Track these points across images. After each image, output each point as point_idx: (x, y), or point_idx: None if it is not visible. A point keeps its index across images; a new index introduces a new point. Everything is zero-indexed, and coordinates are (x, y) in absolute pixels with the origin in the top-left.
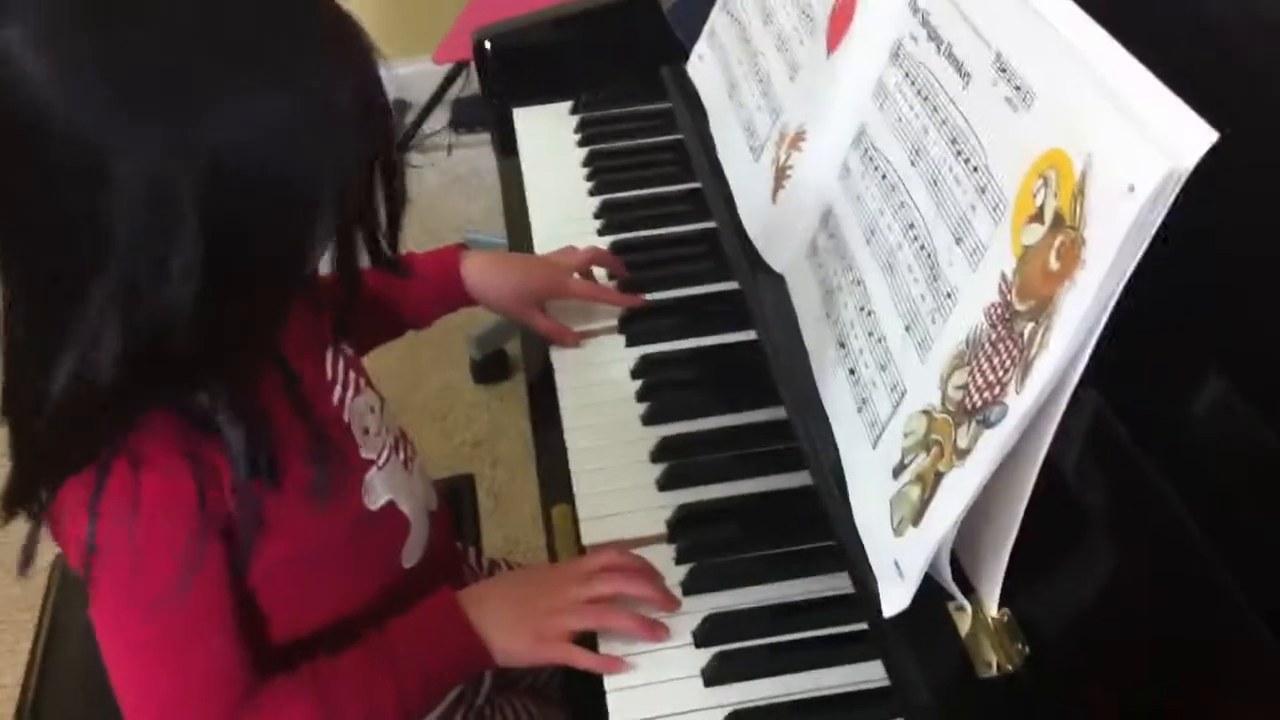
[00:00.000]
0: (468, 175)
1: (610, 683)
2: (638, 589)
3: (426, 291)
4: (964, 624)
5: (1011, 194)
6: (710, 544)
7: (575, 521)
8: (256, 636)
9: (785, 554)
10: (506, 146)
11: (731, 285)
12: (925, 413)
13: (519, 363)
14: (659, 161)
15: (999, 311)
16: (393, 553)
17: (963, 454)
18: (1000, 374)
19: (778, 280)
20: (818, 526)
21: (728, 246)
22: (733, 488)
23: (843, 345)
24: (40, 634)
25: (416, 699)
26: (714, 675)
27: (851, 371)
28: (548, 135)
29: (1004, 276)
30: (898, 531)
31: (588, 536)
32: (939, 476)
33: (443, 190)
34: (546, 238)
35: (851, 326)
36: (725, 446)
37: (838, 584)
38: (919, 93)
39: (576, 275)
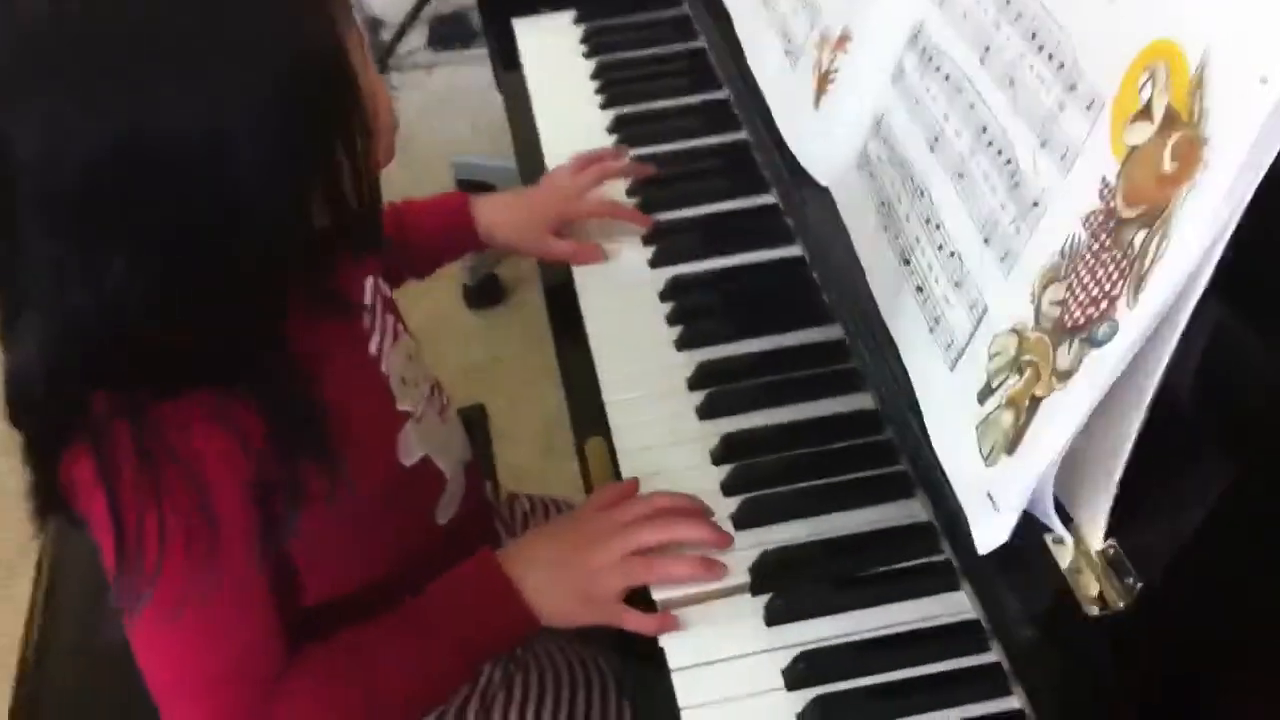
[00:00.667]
0: (450, 95)
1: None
2: (686, 531)
3: (433, 236)
4: (1064, 558)
5: (1109, 91)
6: (760, 475)
7: (613, 455)
8: (290, 601)
9: (843, 483)
10: (507, 60)
11: (760, 200)
12: (1015, 331)
13: (513, 287)
14: (674, 71)
15: (1100, 219)
16: (427, 510)
17: (1064, 375)
18: (1106, 287)
19: (822, 193)
20: (878, 453)
21: (762, 159)
22: (779, 414)
23: (907, 261)
24: (40, 580)
25: (460, 669)
26: (776, 615)
27: (919, 289)
28: (552, 47)
29: (1104, 181)
30: (989, 461)
31: (626, 470)
32: (1036, 401)
33: (425, 112)
34: (558, 155)
35: (916, 241)
36: (767, 371)
37: (899, 514)
38: None
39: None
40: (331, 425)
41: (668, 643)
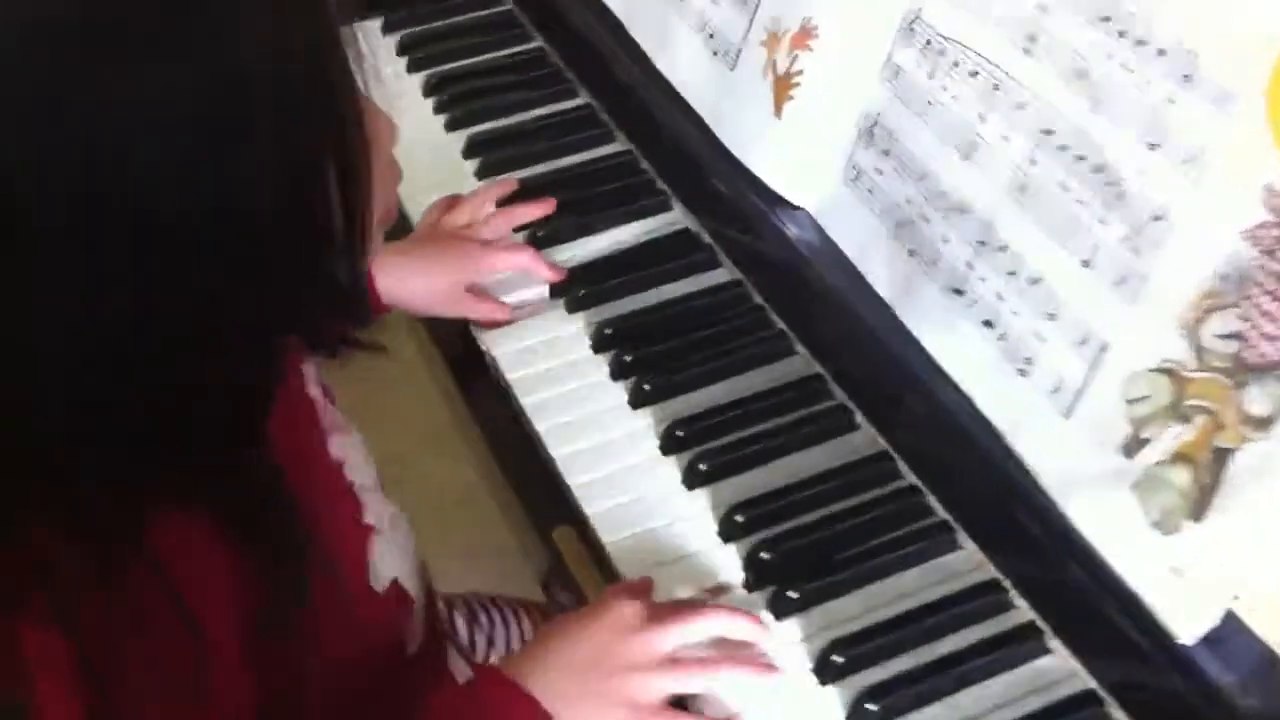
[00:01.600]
0: None
1: None
2: (722, 623)
3: None
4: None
5: (1244, 80)
6: (778, 537)
7: (589, 542)
8: None
9: (883, 544)
10: None
11: (668, 222)
12: (1166, 372)
13: None
14: (518, 80)
15: (1275, 233)
16: (397, 646)
17: (1264, 423)
18: None
19: (794, 213)
20: (911, 502)
21: (664, 174)
22: (783, 470)
23: (959, 292)
24: None
25: None
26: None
27: (989, 324)
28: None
29: (1272, 189)
30: (1166, 527)
31: (622, 566)
32: (1223, 454)
33: None
34: (416, 190)
35: (969, 268)
36: (749, 420)
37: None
38: None
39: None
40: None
41: None
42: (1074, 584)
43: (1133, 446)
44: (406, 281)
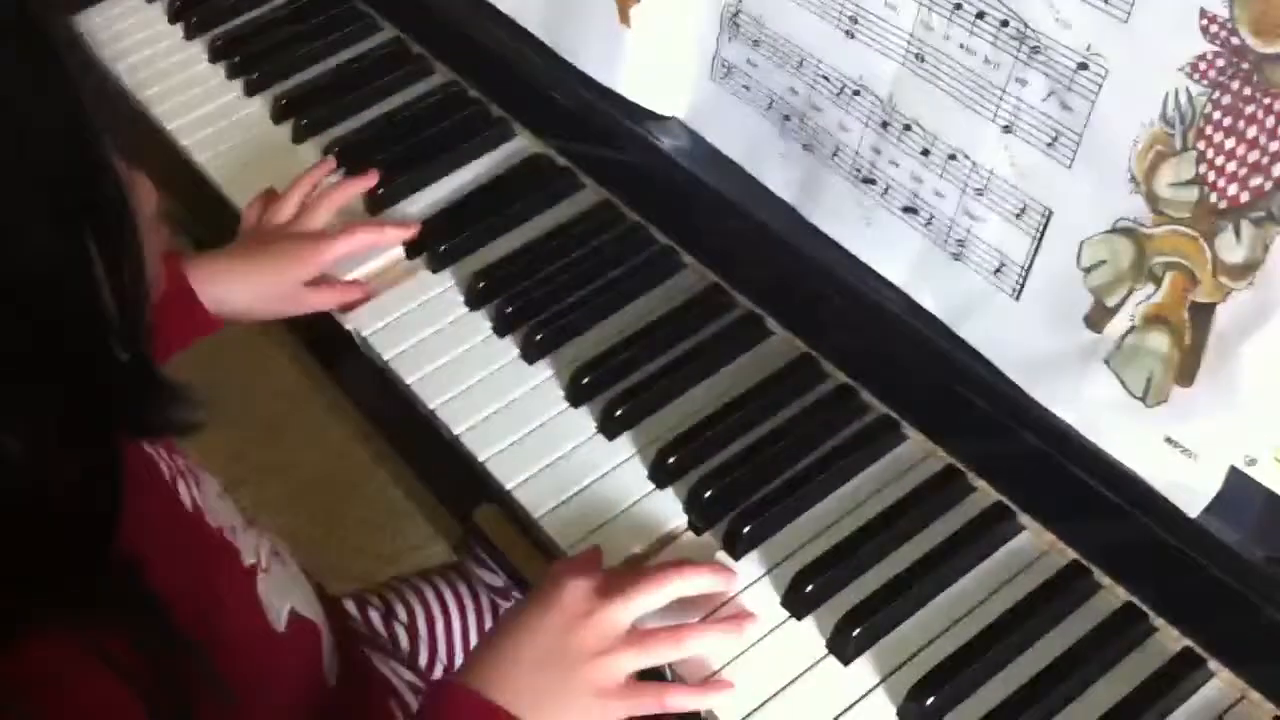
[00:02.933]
0: None
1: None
2: (683, 584)
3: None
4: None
5: None
6: (715, 470)
7: (516, 517)
8: None
9: (837, 449)
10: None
11: (519, 148)
12: (1123, 232)
13: None
14: (311, 27)
15: (1222, 65)
16: (315, 676)
17: (1245, 269)
18: (1273, 146)
19: (664, 123)
20: (848, 400)
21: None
22: (704, 396)
23: (870, 181)
24: None
25: None
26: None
27: (910, 210)
28: (138, 39)
29: (1207, 14)
30: (1151, 398)
31: (559, 537)
32: (1204, 309)
33: None
34: (235, 176)
35: (876, 152)
36: (656, 352)
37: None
38: None
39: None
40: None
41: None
42: (1043, 461)
43: (1098, 317)
44: (233, 294)
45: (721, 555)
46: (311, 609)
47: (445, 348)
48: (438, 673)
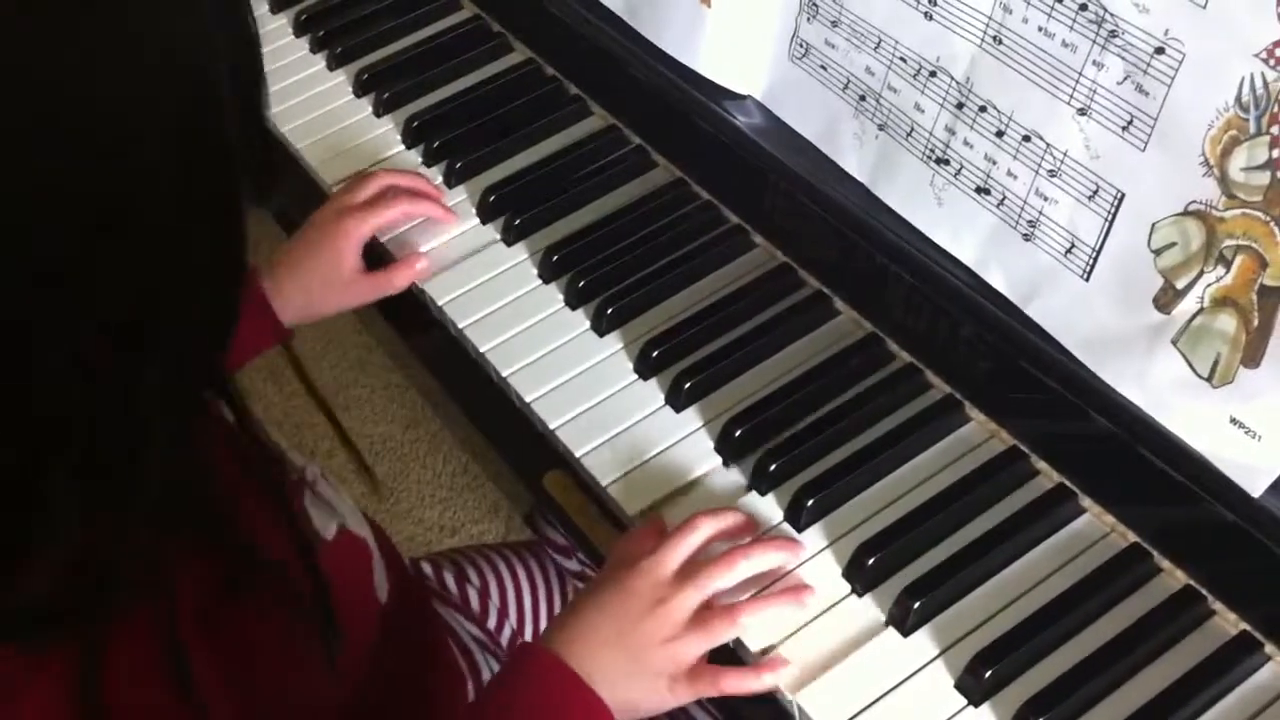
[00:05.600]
0: None
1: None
2: (748, 565)
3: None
4: None
5: None
6: (781, 445)
7: (583, 484)
8: None
9: (900, 428)
10: None
11: (593, 126)
12: (1193, 215)
13: None
14: (400, 5)
15: None
16: (367, 591)
17: None
18: None
19: (740, 102)
20: (911, 379)
21: (579, 78)
22: (771, 371)
23: (944, 161)
24: None
25: None
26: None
27: (983, 190)
28: None
29: None
30: (1218, 379)
31: (626, 503)
32: (1272, 293)
33: None
34: (316, 141)
35: (950, 133)
36: (726, 327)
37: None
38: None
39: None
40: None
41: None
42: (1108, 442)
43: (1167, 298)
44: (289, 300)
45: (785, 528)
46: (362, 530)
47: (518, 318)
48: (506, 635)
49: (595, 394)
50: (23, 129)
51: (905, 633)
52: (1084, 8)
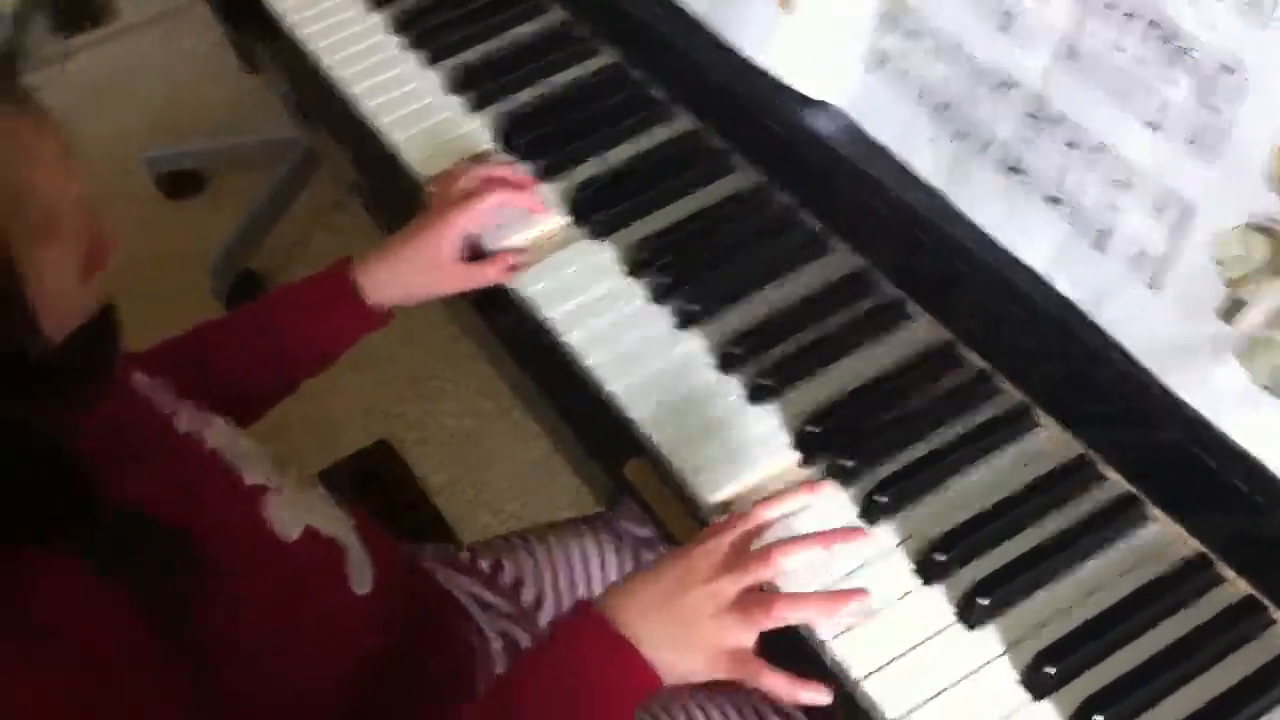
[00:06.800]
0: (102, 85)
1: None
2: (802, 549)
3: (319, 331)
4: None
5: None
6: (871, 452)
7: (661, 475)
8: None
9: (969, 433)
10: (260, 26)
11: (672, 130)
12: (1258, 229)
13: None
14: (491, 6)
15: None
16: (337, 583)
17: None
18: None
19: (818, 107)
20: (983, 387)
21: (658, 81)
22: (846, 372)
23: (1017, 169)
24: None
25: None
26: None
27: (1055, 200)
28: (324, 6)
29: None
30: (1279, 389)
31: (702, 490)
32: None
33: (81, 111)
34: (408, 135)
35: (1025, 143)
36: (803, 326)
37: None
38: None
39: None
40: (176, 515)
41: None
42: (1174, 450)
43: (1230, 310)
44: (390, 285)
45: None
46: (335, 528)
47: (602, 310)
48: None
49: (676, 387)
50: None
51: (971, 627)
52: (1154, 25)
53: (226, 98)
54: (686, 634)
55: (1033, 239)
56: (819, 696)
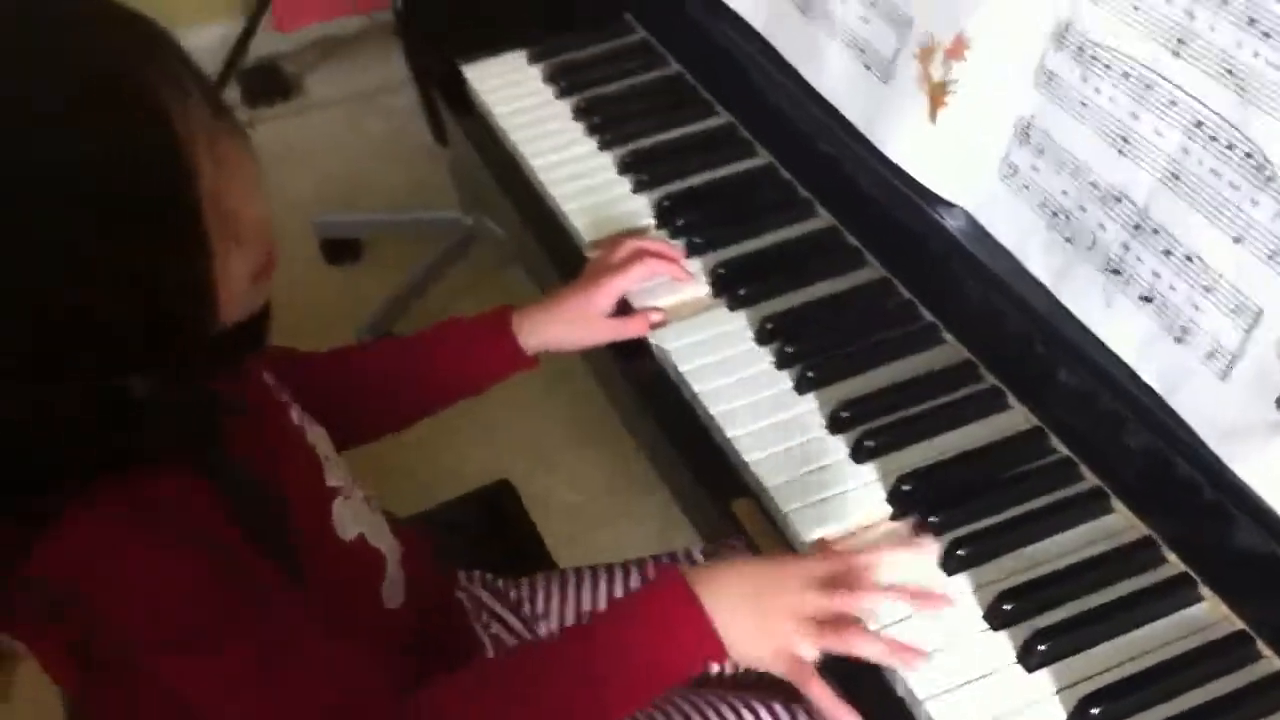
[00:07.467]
0: (282, 153)
1: (921, 690)
2: (889, 599)
3: (471, 363)
4: None
5: None
6: (955, 514)
7: (765, 514)
8: None
9: (1048, 507)
10: (459, 108)
11: (813, 225)
12: None
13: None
14: (660, 103)
15: None
16: (372, 592)
17: None
18: None
19: (950, 209)
20: (1065, 470)
21: (804, 181)
22: (942, 445)
23: (1117, 271)
24: None
25: (638, 694)
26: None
27: (1146, 299)
28: (516, 91)
29: None
30: None
31: (804, 531)
32: None
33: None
34: (576, 208)
35: (1126, 249)
36: (909, 402)
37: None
38: None
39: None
40: (269, 480)
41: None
42: (1232, 535)
43: None
44: (544, 328)
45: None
46: (382, 545)
47: (730, 370)
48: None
49: (789, 439)
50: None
51: (1030, 669)
52: (1249, 156)
53: (395, 178)
54: (762, 625)
55: (1124, 332)
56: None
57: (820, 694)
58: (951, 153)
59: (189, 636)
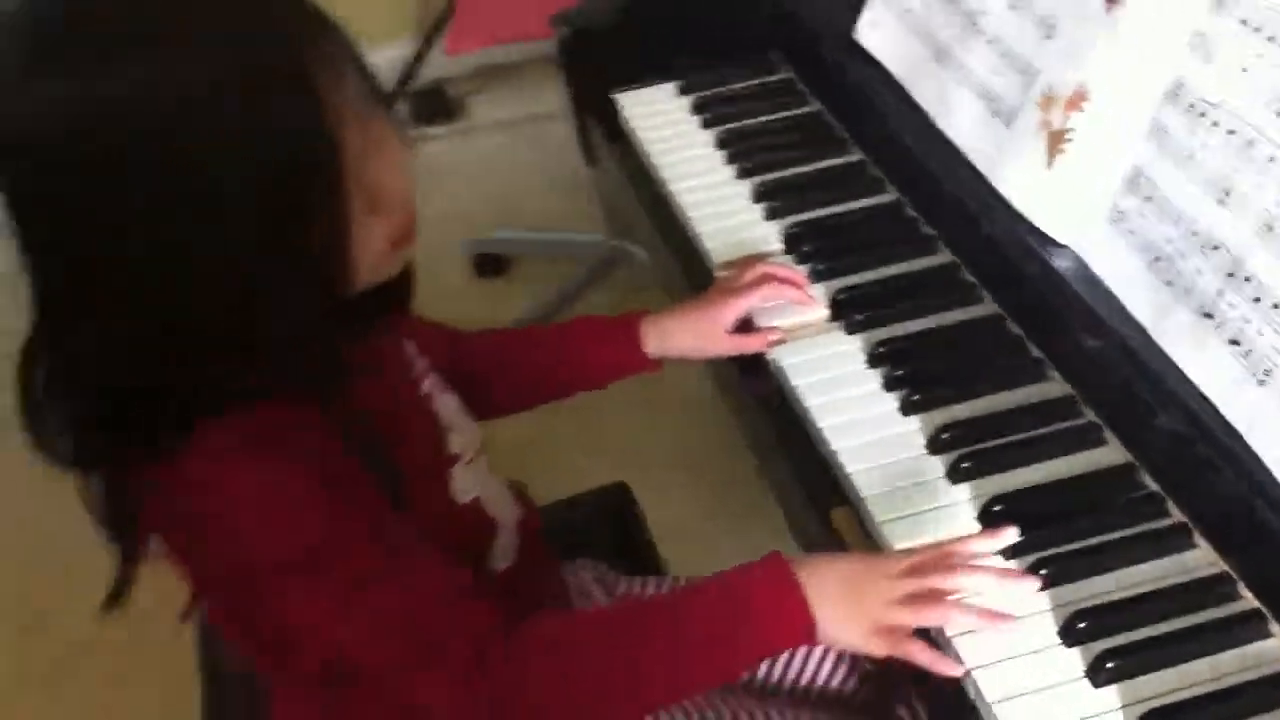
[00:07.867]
0: (442, 171)
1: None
2: (980, 578)
3: (597, 357)
4: None
5: None
6: (1041, 536)
7: (861, 525)
8: None
9: (1131, 538)
10: (611, 134)
11: (932, 261)
12: None
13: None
14: (799, 138)
15: None
16: (480, 553)
17: None
18: None
19: (1060, 249)
20: (1153, 505)
21: (929, 220)
22: (1036, 473)
23: (1209, 315)
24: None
25: (725, 667)
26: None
27: (1235, 342)
28: (665, 120)
29: None
30: None
31: (896, 541)
32: None
33: (420, 188)
34: (711, 230)
35: (1220, 295)
36: (1008, 430)
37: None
38: (1270, 38)
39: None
40: (386, 435)
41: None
42: None
43: None
44: (673, 337)
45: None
46: (496, 511)
47: (840, 387)
48: None
49: (889, 456)
50: None
51: (1096, 685)
52: None
53: (545, 201)
54: (856, 604)
55: (1212, 374)
56: (955, 669)
57: (923, 654)
58: (1065, 197)
59: (299, 556)
